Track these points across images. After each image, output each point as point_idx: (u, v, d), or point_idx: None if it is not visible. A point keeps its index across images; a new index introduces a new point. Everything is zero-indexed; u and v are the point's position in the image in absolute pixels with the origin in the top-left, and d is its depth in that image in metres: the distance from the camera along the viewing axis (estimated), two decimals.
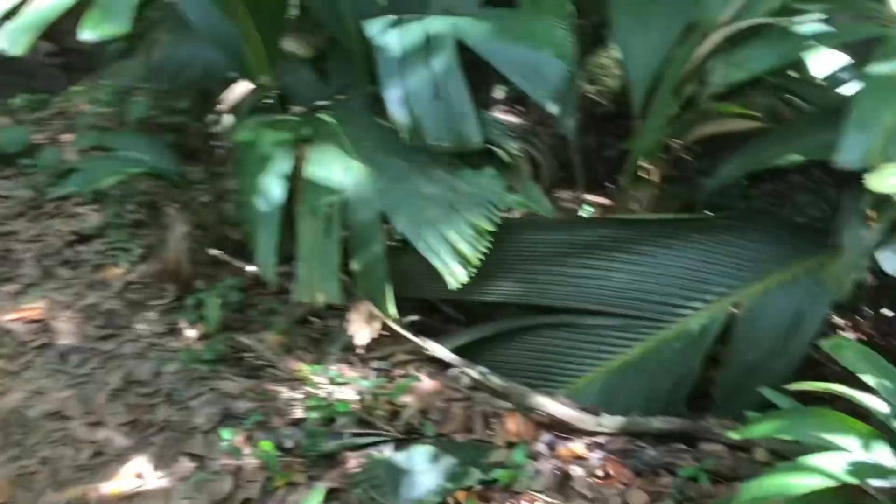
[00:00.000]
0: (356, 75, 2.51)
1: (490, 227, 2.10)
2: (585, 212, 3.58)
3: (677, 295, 2.17)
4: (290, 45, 2.86)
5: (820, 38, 1.84)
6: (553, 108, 2.11)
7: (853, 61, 2.31)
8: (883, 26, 1.87)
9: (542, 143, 4.41)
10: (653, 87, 2.18)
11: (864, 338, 2.85)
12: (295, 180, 2.20)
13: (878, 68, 1.76)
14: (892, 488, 1.33)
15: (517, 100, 4.01)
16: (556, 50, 2.10)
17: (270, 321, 2.48)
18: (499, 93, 4.52)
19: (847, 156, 1.71)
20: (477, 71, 2.22)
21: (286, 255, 2.27)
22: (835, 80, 2.41)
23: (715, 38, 1.92)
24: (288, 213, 2.21)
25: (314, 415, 2.08)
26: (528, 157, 2.38)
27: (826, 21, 1.87)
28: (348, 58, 2.54)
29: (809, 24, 1.88)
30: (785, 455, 1.80)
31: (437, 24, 2.17)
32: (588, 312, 2.20)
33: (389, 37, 2.15)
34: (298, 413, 2.11)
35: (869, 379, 1.50)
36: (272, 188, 2.17)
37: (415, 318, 2.33)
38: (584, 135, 3.62)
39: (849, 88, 2.50)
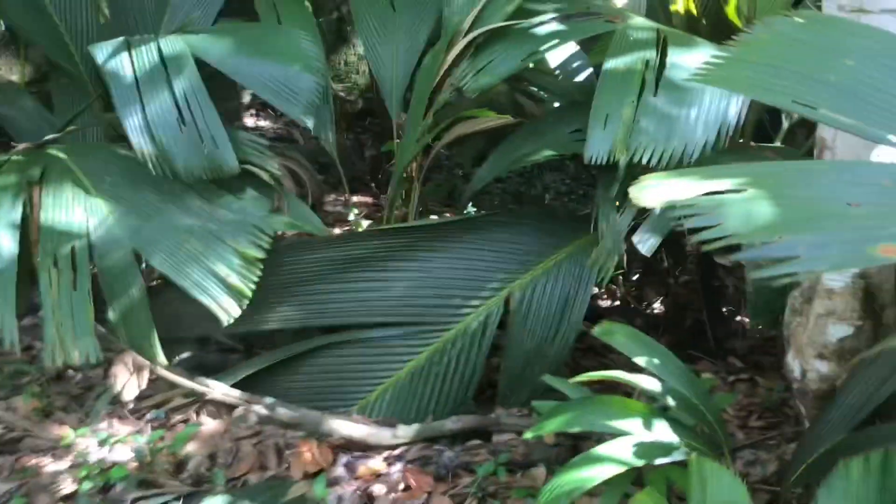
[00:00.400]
0: (87, 102, 2.28)
1: (260, 255, 2.00)
2: (353, 214, 3.55)
3: (455, 296, 2.20)
4: (2, 70, 2.55)
5: (556, 38, 1.92)
6: (309, 123, 2.04)
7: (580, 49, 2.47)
8: (610, 22, 1.99)
9: (300, 149, 4.33)
10: (406, 91, 2.18)
11: (620, 303, 3.09)
12: (29, 228, 1.95)
13: (611, 64, 1.87)
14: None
15: (268, 104, 3.88)
16: (304, 63, 2.02)
17: (20, 385, 2.20)
18: (247, 97, 4.34)
19: (594, 151, 1.81)
20: (222, 79, 2.09)
21: (30, 307, 2.02)
22: (567, 69, 2.57)
23: (460, 44, 1.95)
24: (27, 264, 1.96)
25: (87, 485, 1.87)
26: (289, 173, 2.29)
27: (560, 20, 1.96)
28: (76, 83, 2.30)
29: (546, 24, 1.96)
30: (570, 435, 1.89)
31: (172, 44, 2.01)
32: (372, 326, 2.17)
33: (120, 61, 1.97)
34: (68, 486, 1.89)
35: (640, 360, 1.60)
36: (1, 242, 1.91)
37: (189, 354, 2.18)
38: (341, 135, 3.57)
39: (580, 76, 2.69)
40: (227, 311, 1.96)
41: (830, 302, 1.47)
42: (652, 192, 0.92)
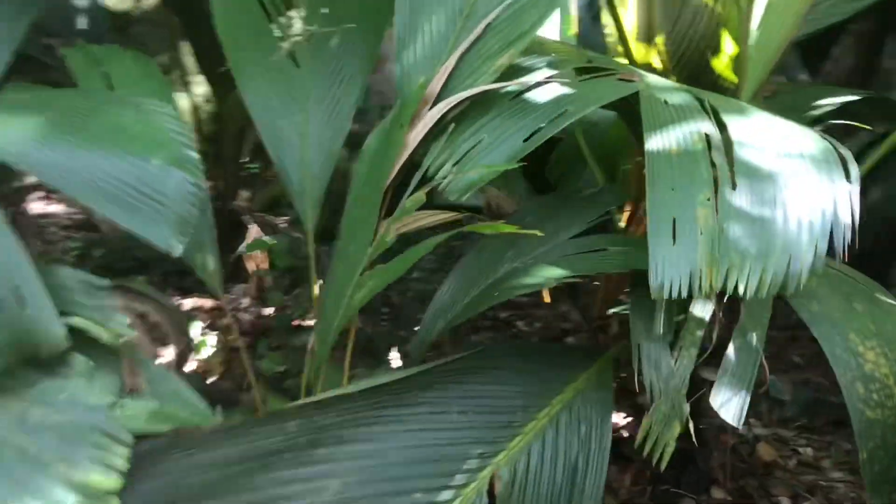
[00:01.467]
0: None
1: (113, 481, 1.16)
2: (193, 327, 2.74)
3: (416, 488, 1.45)
4: None
5: (567, 106, 1.28)
6: (178, 249, 1.24)
7: None
8: (625, 80, 1.38)
9: (107, 241, 3.42)
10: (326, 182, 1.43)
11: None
12: None
13: (658, 143, 1.26)
14: None
15: None
16: (169, 153, 1.23)
17: None
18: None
19: (665, 276, 1.17)
20: None
21: None
22: None
23: (428, 117, 1.26)
24: None
25: None
26: (138, 319, 1.46)
27: (563, 80, 1.33)
28: None
29: (545, 87, 1.32)
30: None
31: None
32: None
33: None
34: None
35: None
36: None
37: None
38: None
39: None
40: None
41: None
42: None
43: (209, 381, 2.55)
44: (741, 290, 1.16)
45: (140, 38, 3.84)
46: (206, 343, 2.73)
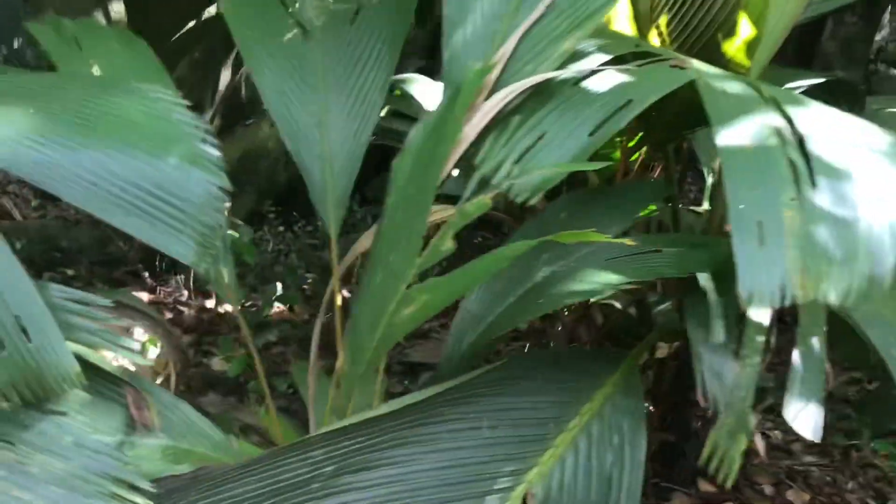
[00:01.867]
0: None
1: None
2: None
3: None
4: None
5: (627, 96, 1.16)
6: (202, 264, 1.06)
7: None
8: (678, 68, 1.28)
9: (22, 229, 3.17)
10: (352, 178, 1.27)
11: None
12: None
13: (731, 138, 1.16)
14: None
15: None
16: (185, 149, 1.05)
17: None
18: None
19: (755, 285, 1.07)
20: None
21: None
22: None
23: (486, 107, 1.11)
24: None
25: None
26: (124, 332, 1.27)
27: (618, 66, 1.21)
28: None
29: (601, 75, 1.19)
30: None
31: None
32: None
33: None
34: None
35: None
36: None
37: None
38: None
39: None
40: None
41: None
42: None
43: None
44: (831, 297, 1.09)
45: (52, 6, 3.50)
46: (153, 343, 2.52)
